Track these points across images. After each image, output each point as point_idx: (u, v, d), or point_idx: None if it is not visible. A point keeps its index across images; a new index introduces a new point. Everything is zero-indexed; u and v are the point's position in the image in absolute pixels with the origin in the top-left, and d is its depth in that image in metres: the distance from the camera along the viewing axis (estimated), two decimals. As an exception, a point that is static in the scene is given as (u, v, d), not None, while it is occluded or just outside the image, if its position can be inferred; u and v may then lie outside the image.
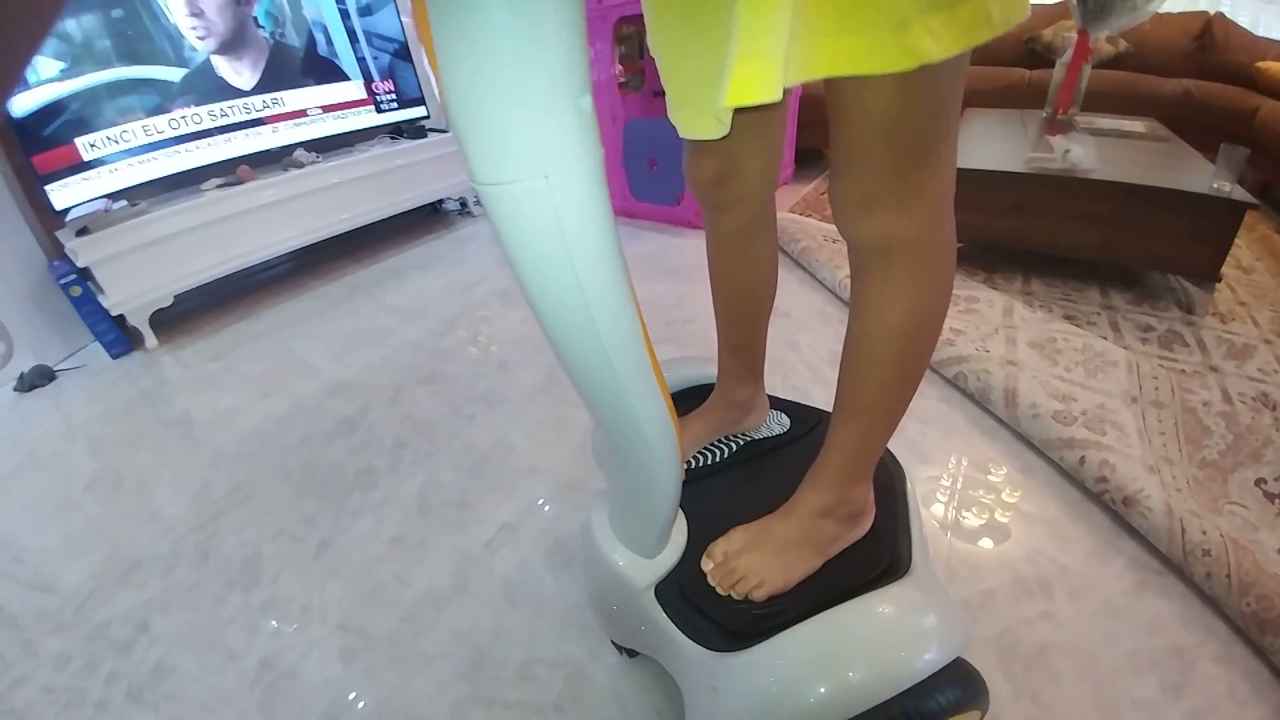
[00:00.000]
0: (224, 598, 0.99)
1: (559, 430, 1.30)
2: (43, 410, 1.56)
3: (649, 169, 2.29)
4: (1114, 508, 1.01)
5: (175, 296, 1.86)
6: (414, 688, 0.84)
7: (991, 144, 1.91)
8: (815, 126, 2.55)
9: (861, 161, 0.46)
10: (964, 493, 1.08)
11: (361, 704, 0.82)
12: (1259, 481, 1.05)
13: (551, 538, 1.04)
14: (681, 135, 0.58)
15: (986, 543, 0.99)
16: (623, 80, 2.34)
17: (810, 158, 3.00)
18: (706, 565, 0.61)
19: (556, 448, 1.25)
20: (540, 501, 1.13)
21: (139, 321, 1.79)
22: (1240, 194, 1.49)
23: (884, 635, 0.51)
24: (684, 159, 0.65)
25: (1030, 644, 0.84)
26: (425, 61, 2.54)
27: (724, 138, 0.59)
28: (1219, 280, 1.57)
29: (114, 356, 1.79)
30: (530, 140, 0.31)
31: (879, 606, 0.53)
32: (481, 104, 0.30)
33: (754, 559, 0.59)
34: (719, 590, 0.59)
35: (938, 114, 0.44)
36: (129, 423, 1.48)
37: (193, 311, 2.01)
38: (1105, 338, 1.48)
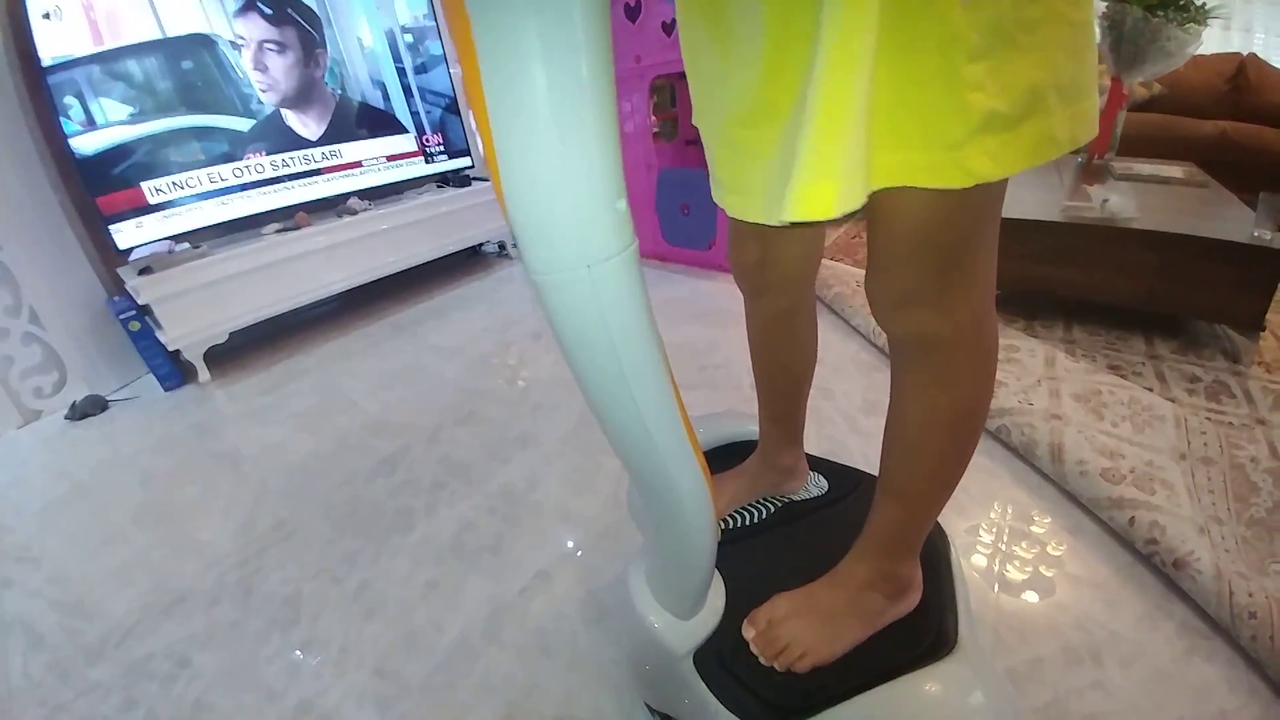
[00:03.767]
0: (265, 636, 1.01)
1: (592, 476, 1.31)
2: (93, 439, 1.62)
3: (681, 215, 2.34)
4: (1164, 570, 0.97)
5: (230, 333, 1.95)
6: (449, 739, 0.84)
7: (1026, 191, 1.90)
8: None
9: (898, 263, 0.46)
10: (1010, 553, 1.05)
11: (396, 752, 0.83)
12: (1306, 541, 1.00)
13: (585, 588, 1.04)
14: (730, 215, 0.60)
15: (1035, 607, 0.96)
16: (656, 130, 2.42)
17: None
18: (749, 633, 0.61)
19: (590, 494, 1.26)
20: (572, 545, 1.13)
21: (194, 356, 1.88)
22: (1280, 243, 1.47)
23: (932, 716, 0.50)
24: (728, 243, 0.66)
25: (1080, 715, 0.80)
26: (472, 120, 2.67)
27: (767, 229, 0.61)
28: (1263, 329, 1.53)
29: (166, 389, 1.86)
30: (575, 237, 0.37)
31: (926, 685, 0.52)
32: (535, 208, 0.36)
33: (798, 627, 0.58)
34: (761, 659, 0.59)
35: (978, 222, 0.44)
36: (178, 454, 1.53)
37: (245, 347, 2.10)
38: (1151, 389, 1.44)
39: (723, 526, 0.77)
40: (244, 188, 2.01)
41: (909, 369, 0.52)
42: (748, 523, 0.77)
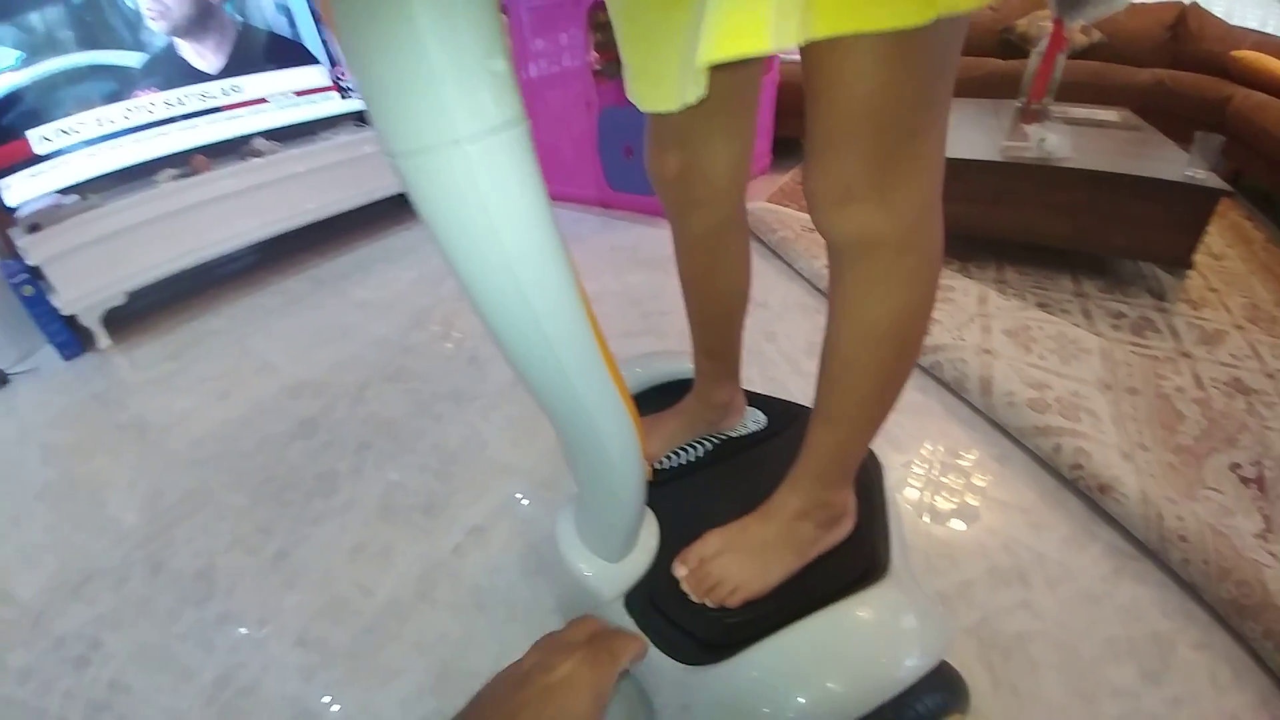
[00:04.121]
0: (177, 613, 0.94)
1: (532, 427, 1.26)
2: (-8, 416, 1.48)
3: (625, 158, 2.24)
4: (1090, 495, 1.00)
5: (129, 294, 1.77)
6: (377, 704, 0.80)
7: (965, 133, 1.90)
8: (795, 115, 2.52)
9: (838, 147, 0.41)
10: (940, 482, 1.07)
11: (322, 721, 0.78)
12: (1234, 466, 1.05)
13: (524, 540, 1.01)
14: (641, 109, 0.53)
15: (963, 533, 0.98)
16: (598, 68, 2.29)
17: (788, 147, 2.98)
18: (680, 571, 0.58)
19: (529, 445, 1.21)
20: (519, 495, 1.09)
21: (91, 321, 1.71)
22: (1214, 181, 1.50)
23: (865, 642, 0.49)
24: (645, 153, 0.60)
25: (1009, 634, 0.83)
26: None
27: (689, 129, 0.54)
28: (1191, 267, 1.59)
29: (66, 358, 1.71)
30: (435, 102, 0.29)
31: (858, 611, 0.51)
32: (381, 66, 0.29)
33: (729, 562, 0.56)
34: (693, 598, 0.56)
35: (925, 94, 0.39)
36: (80, 428, 1.42)
37: (148, 309, 1.92)
38: (1078, 325, 1.49)
39: (658, 467, 0.73)
40: (136, 130, 1.80)
41: (847, 277, 0.47)
42: (684, 461, 0.74)
